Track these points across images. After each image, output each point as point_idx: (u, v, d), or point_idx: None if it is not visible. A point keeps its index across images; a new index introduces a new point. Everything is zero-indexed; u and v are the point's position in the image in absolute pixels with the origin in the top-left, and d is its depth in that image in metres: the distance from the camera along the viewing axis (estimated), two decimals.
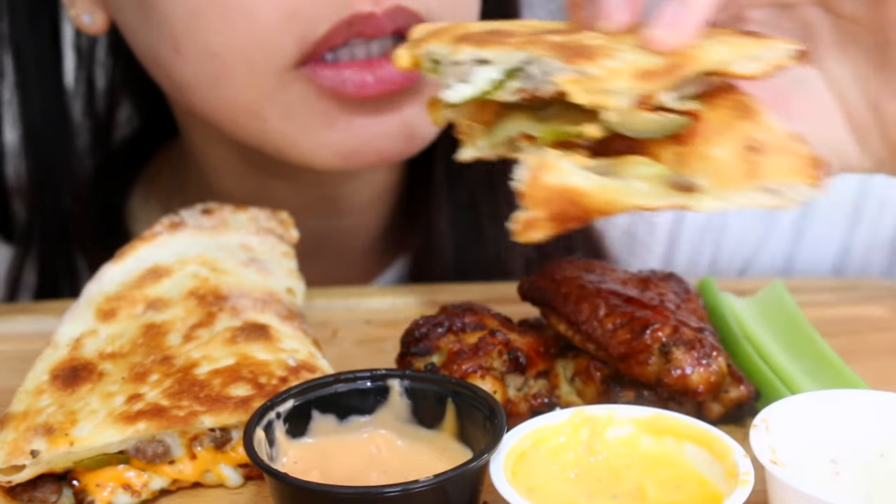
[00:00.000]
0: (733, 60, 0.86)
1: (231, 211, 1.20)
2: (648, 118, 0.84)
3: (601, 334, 1.01)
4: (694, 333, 1.01)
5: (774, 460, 0.87)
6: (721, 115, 0.85)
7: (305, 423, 0.93)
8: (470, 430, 0.92)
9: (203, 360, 1.00)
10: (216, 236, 1.17)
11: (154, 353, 1.02)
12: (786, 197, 0.83)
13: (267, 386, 0.97)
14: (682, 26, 0.86)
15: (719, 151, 0.83)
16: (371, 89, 1.15)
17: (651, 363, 0.99)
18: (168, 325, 1.05)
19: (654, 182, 0.85)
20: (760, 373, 1.07)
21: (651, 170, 0.85)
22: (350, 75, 1.15)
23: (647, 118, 0.84)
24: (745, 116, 0.85)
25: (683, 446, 0.90)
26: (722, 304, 1.16)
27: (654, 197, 0.85)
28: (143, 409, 0.95)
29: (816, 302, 1.26)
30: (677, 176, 0.84)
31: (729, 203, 0.83)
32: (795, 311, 1.16)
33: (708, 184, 0.83)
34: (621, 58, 0.84)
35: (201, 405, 0.95)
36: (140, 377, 0.99)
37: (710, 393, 1.00)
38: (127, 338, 1.04)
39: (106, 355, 1.02)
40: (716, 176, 0.83)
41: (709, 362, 0.99)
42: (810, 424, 0.92)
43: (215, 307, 1.06)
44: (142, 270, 1.11)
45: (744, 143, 0.83)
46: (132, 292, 1.09)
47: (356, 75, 1.15)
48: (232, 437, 0.96)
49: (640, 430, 0.91)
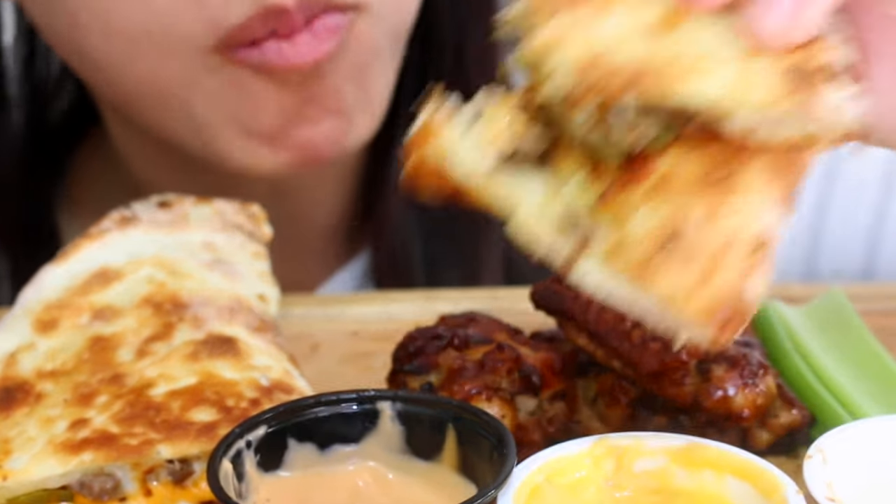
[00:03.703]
0: (734, 107, 0.73)
1: (192, 204, 1.21)
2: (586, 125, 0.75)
3: (628, 348, 1.01)
4: (738, 348, 1.01)
5: (832, 497, 0.87)
6: (687, 171, 0.74)
7: (280, 454, 0.93)
8: (474, 461, 0.92)
9: (160, 380, 1.00)
10: (175, 234, 1.17)
11: (102, 371, 1.02)
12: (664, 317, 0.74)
13: (235, 409, 0.97)
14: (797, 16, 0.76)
15: (639, 217, 0.73)
16: (291, 57, 1.23)
17: (687, 383, 0.99)
18: (118, 337, 1.05)
19: (548, 210, 0.77)
20: (816, 394, 1.06)
21: (570, 196, 0.77)
22: (270, 45, 1.23)
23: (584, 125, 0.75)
24: (709, 188, 0.73)
25: (724, 481, 0.90)
26: (770, 314, 1.16)
27: (534, 229, 0.77)
28: (89, 436, 0.95)
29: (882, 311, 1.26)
30: (573, 218, 0.76)
31: (606, 286, 0.74)
32: (857, 323, 1.16)
33: (602, 248, 0.74)
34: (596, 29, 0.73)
35: (157, 432, 0.95)
36: (86, 399, 0.99)
37: (757, 418, 1.00)
38: (70, 353, 1.04)
39: (45, 373, 1.02)
40: (615, 245, 0.74)
41: (755, 382, 0.99)
42: (874, 455, 0.92)
43: (174, 317, 1.07)
44: (87, 274, 1.11)
45: (671, 224, 0.73)
46: (76, 299, 1.09)
47: (275, 45, 1.23)
48: (193, 470, 0.96)
49: (674, 461, 0.91)
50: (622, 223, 0.73)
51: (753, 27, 0.75)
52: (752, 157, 0.73)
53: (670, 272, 0.72)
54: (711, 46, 0.74)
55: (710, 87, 0.72)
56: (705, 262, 0.72)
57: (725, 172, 0.73)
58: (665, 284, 0.72)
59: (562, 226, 0.76)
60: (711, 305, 0.72)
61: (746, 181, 0.73)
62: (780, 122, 0.72)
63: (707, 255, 0.72)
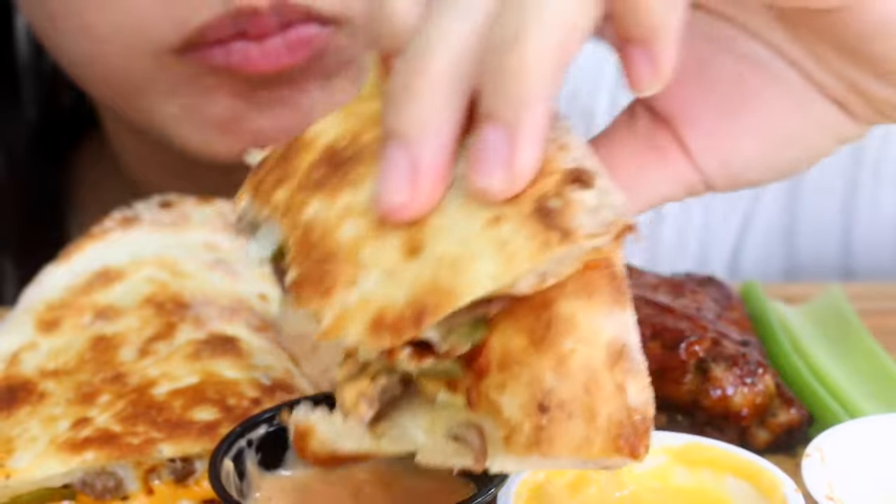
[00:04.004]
0: (515, 277, 0.72)
1: (194, 204, 1.21)
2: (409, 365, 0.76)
3: None
4: (736, 348, 1.02)
5: (831, 496, 0.87)
6: (516, 342, 0.74)
7: (281, 453, 0.92)
8: None
9: (161, 379, 1.00)
10: (176, 233, 1.18)
11: (104, 371, 1.02)
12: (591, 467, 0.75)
13: (236, 409, 0.97)
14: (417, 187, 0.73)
15: (507, 403, 0.73)
16: (258, 63, 1.24)
17: (686, 382, 1.00)
18: (120, 337, 1.05)
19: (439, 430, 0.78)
20: (814, 393, 1.07)
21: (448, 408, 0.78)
22: (236, 47, 1.24)
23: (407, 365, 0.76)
24: (542, 346, 0.73)
25: (724, 480, 0.90)
26: (769, 314, 1.16)
27: (435, 457, 0.78)
28: (91, 435, 0.95)
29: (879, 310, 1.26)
30: (461, 428, 0.77)
31: (524, 468, 0.76)
32: (855, 322, 1.16)
33: (498, 440, 0.74)
34: (363, 285, 0.74)
35: (159, 431, 0.95)
36: (88, 398, 0.99)
37: (756, 417, 1.01)
38: (72, 352, 1.04)
39: (48, 373, 1.02)
40: (505, 432, 0.74)
41: (754, 381, 1.00)
42: (873, 454, 0.92)
43: (175, 317, 1.07)
44: (90, 273, 1.11)
45: (535, 396, 0.72)
46: (79, 299, 1.09)
47: (242, 47, 1.23)
48: (195, 469, 0.96)
49: (674, 460, 0.92)
50: (498, 413, 0.74)
51: (477, 193, 0.73)
52: (558, 296, 0.73)
53: (562, 434, 0.72)
54: (461, 234, 0.73)
55: (481, 278, 0.71)
56: (581, 409, 0.72)
57: (545, 324, 0.73)
58: (564, 446, 0.72)
59: (456, 440, 0.77)
60: (612, 437, 0.72)
61: (566, 318, 0.73)
62: (557, 262, 0.72)
63: (579, 402, 0.72)
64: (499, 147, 0.71)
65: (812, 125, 0.84)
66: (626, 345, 0.73)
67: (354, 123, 0.81)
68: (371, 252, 0.74)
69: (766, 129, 0.84)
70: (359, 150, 0.79)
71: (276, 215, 0.80)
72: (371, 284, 0.74)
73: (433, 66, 0.72)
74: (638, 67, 0.73)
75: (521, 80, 0.70)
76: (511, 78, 0.70)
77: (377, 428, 0.79)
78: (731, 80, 0.84)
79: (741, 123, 0.84)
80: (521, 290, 0.72)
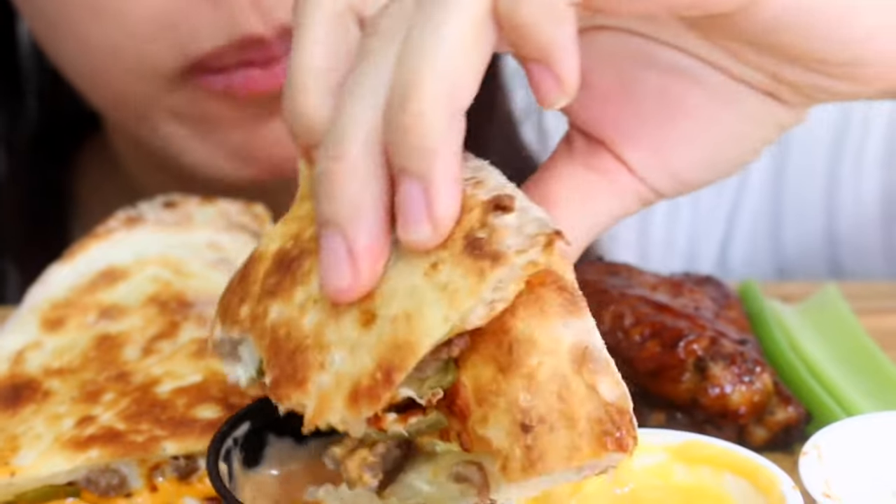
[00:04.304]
0: (463, 313, 0.74)
1: (197, 204, 1.21)
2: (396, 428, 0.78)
3: (627, 347, 1.02)
4: (734, 346, 1.02)
5: (828, 493, 0.87)
6: (485, 374, 0.76)
7: (261, 450, 0.92)
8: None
9: (165, 377, 1.00)
10: (180, 233, 1.18)
11: (108, 369, 1.02)
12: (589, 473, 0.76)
13: (239, 407, 0.96)
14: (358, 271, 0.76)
15: (494, 434, 0.75)
16: (260, 83, 1.24)
17: (685, 380, 1.00)
18: (124, 336, 1.06)
19: (442, 476, 0.80)
20: (811, 392, 1.07)
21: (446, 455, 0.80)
22: (238, 73, 1.25)
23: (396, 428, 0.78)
24: (510, 370, 0.75)
25: (722, 477, 0.90)
26: (766, 313, 1.16)
27: (441, 500, 0.80)
28: (95, 433, 0.95)
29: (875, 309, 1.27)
30: (461, 467, 0.79)
31: (528, 491, 0.77)
32: (852, 321, 1.16)
33: (495, 473, 0.76)
34: (332, 365, 0.77)
35: (163, 429, 0.96)
36: (92, 396, 0.99)
37: (754, 415, 1.01)
38: (77, 351, 1.05)
39: (52, 371, 1.03)
40: (500, 462, 0.75)
41: (752, 379, 1.00)
42: (869, 452, 0.92)
43: (179, 316, 1.07)
44: (94, 273, 1.12)
45: (516, 418, 0.74)
46: (83, 298, 1.09)
47: (244, 71, 1.24)
48: (198, 466, 0.96)
49: (673, 458, 0.92)
50: (489, 446, 0.75)
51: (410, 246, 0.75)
52: (513, 320, 0.75)
53: (550, 448, 0.74)
54: (407, 288, 0.76)
55: (434, 324, 0.74)
56: (561, 418, 0.74)
57: (507, 349, 0.75)
58: (555, 458, 0.74)
59: (458, 481, 0.79)
60: (596, 437, 0.74)
61: (526, 338, 0.75)
62: (497, 288, 0.74)
63: (556, 412, 0.74)
64: (417, 199, 0.74)
65: (747, 119, 0.86)
66: (588, 346, 0.75)
67: (297, 225, 0.84)
68: (332, 333, 0.77)
69: (701, 132, 0.86)
70: (303, 247, 0.82)
71: (245, 332, 0.83)
72: (339, 363, 0.76)
73: (349, 151, 0.74)
74: (542, 84, 0.75)
75: (421, 133, 0.72)
76: (411, 133, 0.73)
77: (385, 492, 0.81)
78: (657, 93, 0.86)
79: (676, 132, 0.86)
80: (474, 323, 0.75)
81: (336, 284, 0.76)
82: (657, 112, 0.86)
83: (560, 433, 0.74)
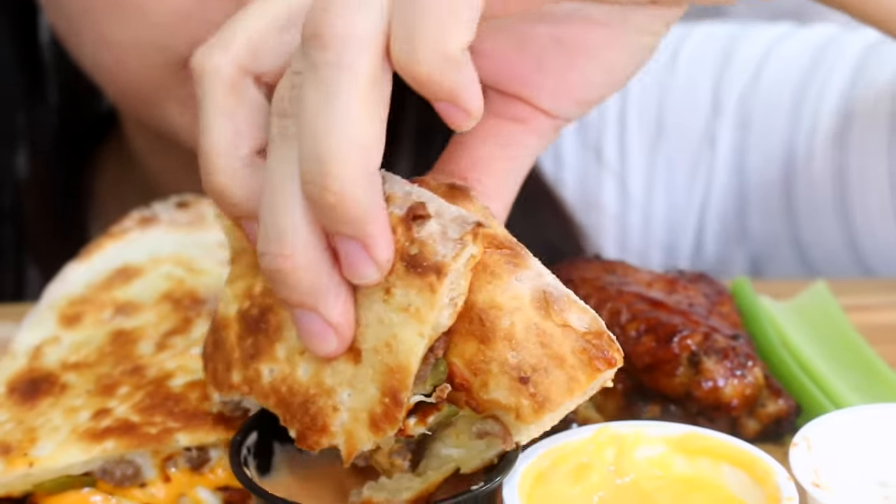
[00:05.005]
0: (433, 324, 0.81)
1: (209, 204, 1.20)
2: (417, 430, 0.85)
3: (623, 342, 1.01)
4: (727, 341, 1.03)
5: (817, 483, 0.88)
6: (469, 349, 0.83)
7: (269, 458, 0.93)
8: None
9: (178, 371, 1.01)
10: (193, 233, 1.19)
11: (123, 363, 1.03)
12: (592, 392, 0.83)
13: None
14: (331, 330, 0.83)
15: (499, 395, 0.82)
16: None
17: (679, 374, 1.01)
18: (139, 331, 1.06)
19: (466, 437, 0.86)
20: (801, 385, 1.08)
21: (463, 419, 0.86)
22: None
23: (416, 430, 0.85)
24: (488, 338, 0.82)
25: (720, 468, 0.91)
26: (758, 309, 1.17)
27: (472, 458, 0.86)
28: (110, 425, 0.96)
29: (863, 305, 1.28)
30: (482, 424, 0.85)
31: (546, 426, 0.83)
32: (840, 317, 1.18)
33: (512, 421, 0.83)
34: (344, 403, 0.84)
35: (176, 421, 0.96)
36: (108, 390, 1.00)
37: (746, 408, 1.02)
38: (93, 346, 1.05)
39: (69, 365, 1.03)
40: (513, 413, 0.82)
41: (744, 373, 1.01)
42: (857, 443, 0.93)
43: (192, 312, 1.08)
44: (110, 271, 1.13)
45: (512, 375, 0.82)
46: (99, 295, 1.10)
47: None
48: (210, 458, 0.97)
49: (673, 449, 0.92)
50: (498, 405, 0.82)
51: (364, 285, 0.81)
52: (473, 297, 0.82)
53: (552, 389, 0.81)
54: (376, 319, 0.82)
55: (412, 343, 0.81)
56: (550, 361, 0.81)
57: (478, 322, 0.82)
58: (560, 395, 0.81)
59: (481, 437, 0.85)
60: (587, 364, 0.81)
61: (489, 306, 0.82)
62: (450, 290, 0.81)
63: (545, 358, 0.81)
64: (359, 253, 0.80)
65: (638, 32, 0.91)
66: (544, 290, 0.82)
67: (243, 283, 0.91)
68: (330, 378, 0.84)
69: (604, 59, 0.91)
70: (261, 305, 0.89)
71: (245, 395, 0.90)
72: (349, 400, 0.84)
73: (293, 248, 0.80)
74: (454, 118, 0.79)
75: (346, 207, 0.77)
76: (338, 209, 0.77)
77: (419, 468, 0.86)
78: (553, 43, 0.90)
79: (582, 69, 0.91)
80: (446, 325, 0.82)
81: (325, 350, 0.83)
82: (558, 59, 0.91)
83: (555, 373, 0.81)
